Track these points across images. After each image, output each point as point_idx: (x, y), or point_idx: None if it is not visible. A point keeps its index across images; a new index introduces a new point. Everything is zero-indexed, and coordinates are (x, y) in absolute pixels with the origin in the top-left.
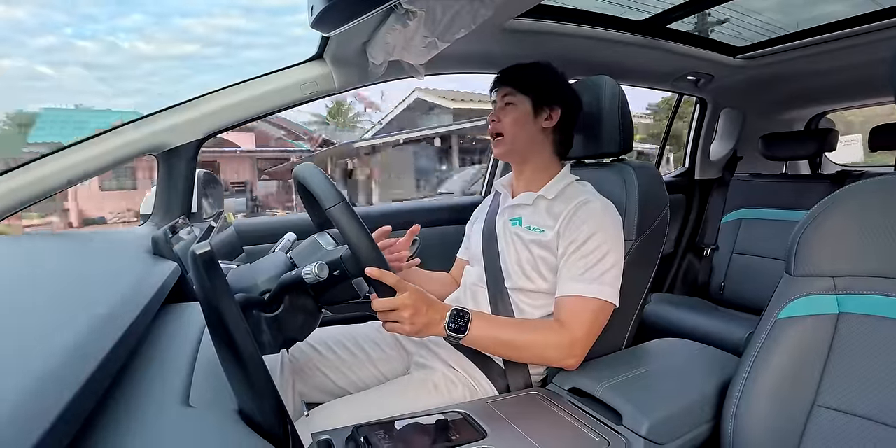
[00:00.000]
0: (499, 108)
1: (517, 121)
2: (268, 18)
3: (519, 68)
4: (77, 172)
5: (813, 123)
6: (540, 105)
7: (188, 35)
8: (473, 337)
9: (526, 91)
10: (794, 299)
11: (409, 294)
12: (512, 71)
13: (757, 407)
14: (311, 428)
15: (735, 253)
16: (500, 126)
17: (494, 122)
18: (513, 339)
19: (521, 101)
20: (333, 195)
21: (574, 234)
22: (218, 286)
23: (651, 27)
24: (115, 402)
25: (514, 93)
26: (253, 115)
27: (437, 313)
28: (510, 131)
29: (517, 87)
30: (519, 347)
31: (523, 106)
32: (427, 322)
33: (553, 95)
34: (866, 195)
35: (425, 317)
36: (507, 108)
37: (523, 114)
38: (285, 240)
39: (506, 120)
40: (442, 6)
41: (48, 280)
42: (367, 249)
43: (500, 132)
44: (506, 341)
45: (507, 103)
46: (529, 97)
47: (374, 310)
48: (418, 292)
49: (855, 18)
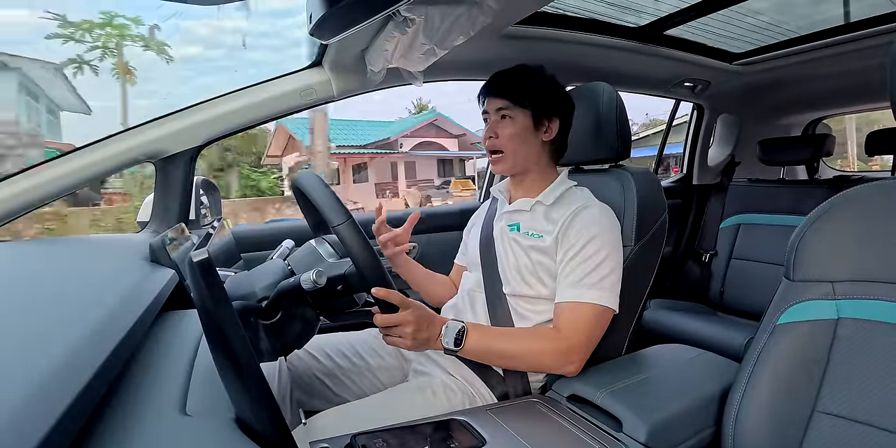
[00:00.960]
0: (494, 121)
1: (517, 136)
2: (271, 20)
3: (511, 75)
4: (75, 179)
5: (810, 129)
6: (539, 118)
7: (191, 36)
8: (470, 349)
9: (524, 104)
10: (793, 304)
11: (412, 311)
12: (504, 79)
13: (757, 413)
14: (310, 436)
15: (734, 258)
16: (499, 143)
17: (492, 139)
18: (509, 349)
19: (520, 114)
20: (340, 213)
21: (572, 240)
22: (215, 293)
23: (648, 34)
24: (112, 410)
25: (511, 106)
26: (251, 122)
27: (436, 328)
28: (510, 148)
29: (514, 100)
30: (516, 357)
31: (522, 120)
32: (427, 337)
33: (551, 106)
34: (864, 200)
35: (426, 332)
36: (505, 123)
37: (523, 128)
38: (283, 247)
39: (504, 135)
40: (440, 13)
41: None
42: (373, 268)
43: (499, 149)
44: (502, 351)
45: (503, 117)
46: (528, 110)
47: (377, 325)
48: (420, 308)
49: (851, 24)
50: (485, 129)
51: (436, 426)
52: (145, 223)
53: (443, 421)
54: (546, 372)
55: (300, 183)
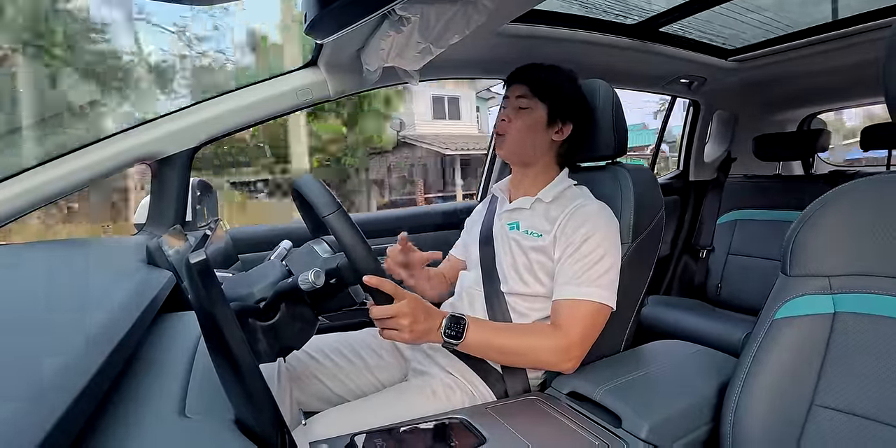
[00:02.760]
0: (512, 106)
1: (528, 127)
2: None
3: (538, 69)
4: (71, 182)
5: (805, 124)
6: (554, 116)
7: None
8: (470, 342)
9: (543, 97)
10: (791, 299)
11: (408, 301)
12: (532, 69)
13: (755, 408)
14: (309, 437)
15: (731, 254)
16: (509, 127)
17: (504, 122)
18: (508, 344)
19: (537, 106)
20: (330, 203)
21: (570, 238)
22: (213, 295)
23: (644, 31)
24: (110, 413)
25: (530, 96)
26: (248, 122)
27: (435, 320)
28: (517, 136)
29: (534, 90)
30: (515, 352)
31: (538, 113)
32: (425, 329)
33: (569, 109)
34: (859, 194)
35: (423, 324)
36: (521, 112)
37: (535, 121)
38: (281, 248)
39: (517, 122)
40: (435, 12)
41: (42, 289)
42: (363, 256)
43: (506, 132)
44: (501, 346)
45: (521, 106)
46: (546, 105)
47: (372, 317)
48: (416, 300)
49: (845, 20)
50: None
51: (436, 425)
52: (142, 225)
53: (443, 420)
54: (544, 368)
55: (298, 185)
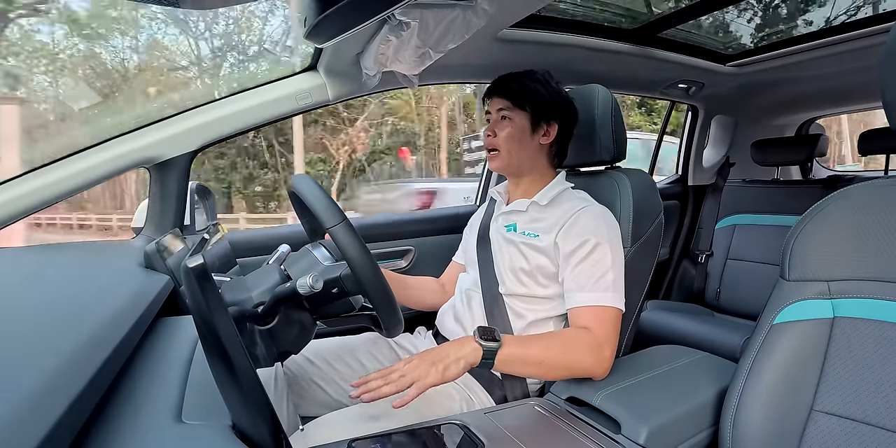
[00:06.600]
0: (495, 121)
1: (514, 137)
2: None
3: (514, 78)
4: (68, 186)
5: (803, 129)
6: (538, 121)
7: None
8: (509, 345)
9: (523, 105)
10: (789, 304)
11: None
12: (507, 81)
13: (755, 413)
14: (307, 442)
15: (730, 259)
16: (497, 141)
17: (490, 137)
18: (547, 343)
19: (518, 115)
20: (335, 214)
21: (576, 242)
22: (211, 299)
23: (642, 36)
24: (106, 418)
25: (511, 107)
26: (246, 126)
27: (456, 342)
28: (506, 147)
29: (513, 101)
30: (554, 358)
31: (520, 121)
32: (442, 353)
33: (551, 110)
34: (857, 199)
35: (436, 351)
36: (504, 123)
37: (520, 130)
38: (279, 252)
39: (502, 135)
40: (435, 17)
41: (39, 293)
42: (369, 271)
43: (496, 147)
44: (540, 346)
45: (503, 117)
46: (527, 112)
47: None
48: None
49: (843, 25)
50: (486, 128)
51: (434, 431)
52: (140, 229)
53: (441, 425)
54: (581, 370)
55: (295, 186)
